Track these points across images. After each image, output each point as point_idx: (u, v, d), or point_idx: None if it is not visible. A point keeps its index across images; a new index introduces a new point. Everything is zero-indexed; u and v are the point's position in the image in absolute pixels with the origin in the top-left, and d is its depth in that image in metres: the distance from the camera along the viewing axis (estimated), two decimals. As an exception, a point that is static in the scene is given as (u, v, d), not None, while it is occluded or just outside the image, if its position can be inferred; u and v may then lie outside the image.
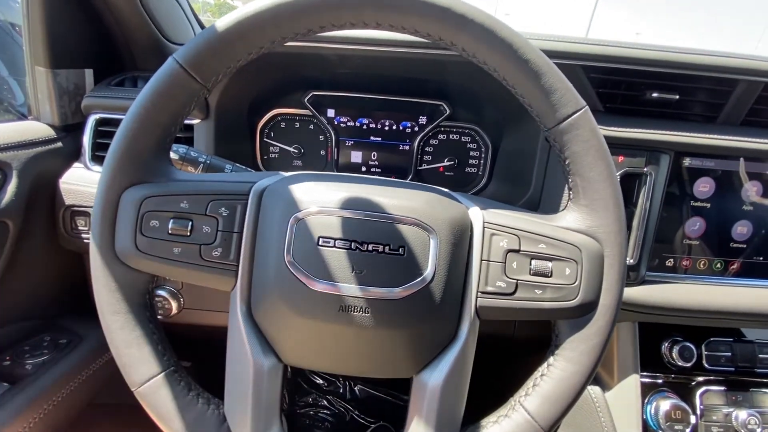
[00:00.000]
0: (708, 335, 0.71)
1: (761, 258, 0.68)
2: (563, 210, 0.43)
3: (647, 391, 0.69)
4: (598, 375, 0.75)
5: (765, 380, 0.71)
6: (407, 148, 0.85)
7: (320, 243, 0.38)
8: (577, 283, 0.41)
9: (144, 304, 0.41)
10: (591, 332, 0.41)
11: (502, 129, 0.81)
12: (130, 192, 0.39)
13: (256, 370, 0.39)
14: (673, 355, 0.68)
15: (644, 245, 0.64)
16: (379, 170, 0.87)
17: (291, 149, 0.85)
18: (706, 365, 0.70)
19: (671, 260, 0.67)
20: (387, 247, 0.38)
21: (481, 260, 0.42)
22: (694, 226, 0.66)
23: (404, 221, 0.39)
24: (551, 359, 0.42)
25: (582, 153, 0.41)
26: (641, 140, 0.62)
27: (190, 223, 0.39)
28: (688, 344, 0.68)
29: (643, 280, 0.67)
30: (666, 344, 0.70)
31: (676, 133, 0.62)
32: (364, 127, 0.85)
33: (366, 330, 0.38)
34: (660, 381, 0.69)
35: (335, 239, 0.37)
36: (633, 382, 0.68)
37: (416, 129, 0.84)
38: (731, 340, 0.71)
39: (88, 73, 0.77)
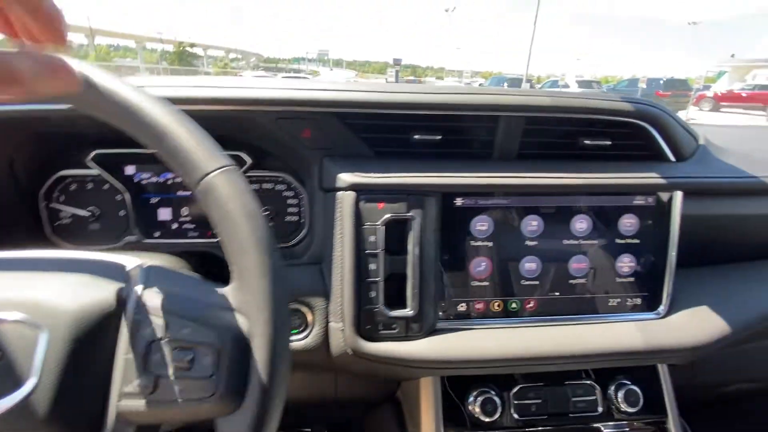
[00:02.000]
0: (516, 382, 0.66)
1: (557, 293, 0.65)
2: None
3: (457, 452, 0.62)
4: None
5: (581, 425, 0.66)
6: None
7: None
8: (215, 374, 0.35)
9: None
10: (242, 430, 0.34)
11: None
12: None
13: None
14: (477, 409, 0.63)
15: (424, 293, 0.60)
16: (193, 226, 0.81)
17: (84, 213, 0.78)
18: (516, 416, 0.65)
19: (463, 305, 0.63)
20: None
21: (125, 354, 0.36)
22: (479, 266, 0.63)
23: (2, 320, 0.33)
24: None
25: (221, 219, 0.36)
26: (404, 185, 0.59)
27: None
28: (492, 395, 0.63)
29: (432, 330, 0.62)
30: (471, 397, 0.64)
31: (439, 174, 0.60)
32: (169, 182, 0.79)
33: None
34: (467, 439, 0.63)
35: None
36: (437, 445, 0.62)
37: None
38: (541, 384, 0.66)
39: None
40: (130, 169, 0.78)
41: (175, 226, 0.81)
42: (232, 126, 0.62)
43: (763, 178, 0.70)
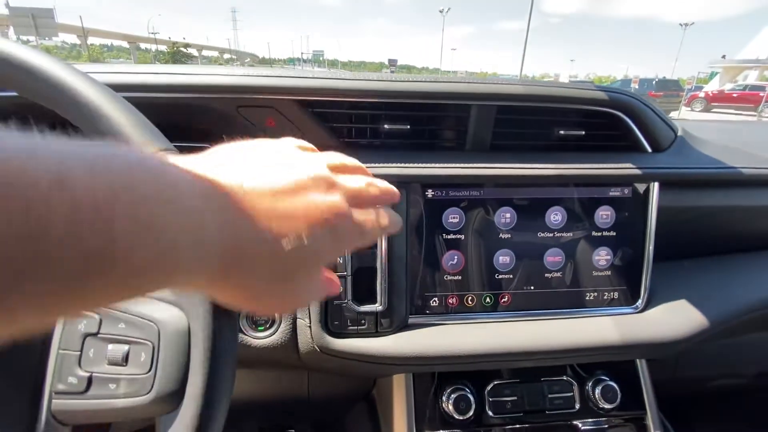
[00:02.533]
0: (492, 379, 0.64)
1: (531, 287, 0.64)
2: None
3: (431, 451, 0.61)
4: (380, 438, 0.67)
5: (558, 422, 0.65)
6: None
7: None
8: (151, 371, 0.33)
9: None
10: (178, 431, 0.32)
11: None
12: None
13: None
14: (450, 407, 0.61)
15: (393, 288, 0.58)
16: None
17: None
18: (491, 413, 0.63)
19: (435, 299, 0.62)
20: None
21: (59, 350, 0.33)
22: (452, 260, 0.61)
23: None
24: None
25: None
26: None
27: None
28: (466, 393, 0.61)
29: (404, 325, 0.60)
30: (445, 395, 0.62)
31: (408, 165, 0.58)
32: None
33: None
34: (441, 438, 0.61)
35: None
36: (409, 445, 0.60)
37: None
38: (517, 381, 0.65)
39: None
40: None
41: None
42: (193, 116, 0.60)
43: (742, 168, 0.69)
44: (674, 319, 0.64)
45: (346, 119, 0.61)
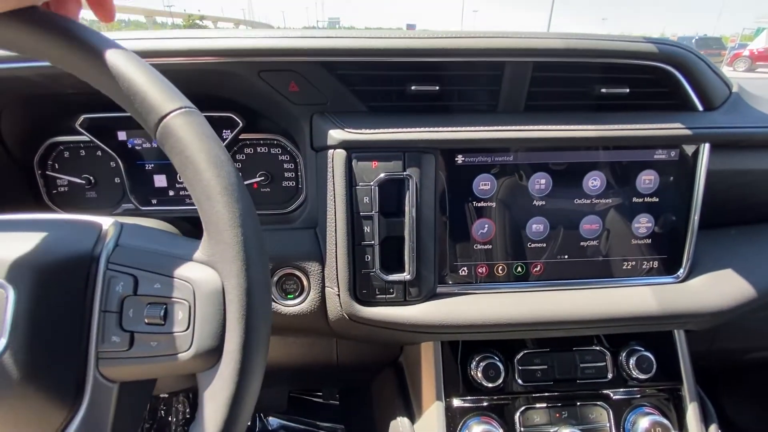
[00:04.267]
0: (521, 348, 0.63)
1: (566, 256, 0.61)
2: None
3: (460, 417, 0.61)
4: (408, 404, 0.68)
5: (589, 391, 0.64)
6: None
7: None
8: (189, 329, 0.33)
9: None
10: (218, 386, 0.33)
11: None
12: None
13: None
14: (479, 374, 0.61)
15: (422, 257, 0.57)
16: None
17: (79, 180, 0.76)
18: (521, 381, 0.62)
19: (464, 269, 0.60)
20: None
21: (100, 311, 0.34)
22: (483, 228, 0.59)
23: None
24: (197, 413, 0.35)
25: (182, 168, 0.34)
26: (399, 141, 0.55)
27: None
28: (495, 361, 0.61)
29: (432, 294, 0.59)
30: (474, 363, 0.62)
31: (437, 129, 0.55)
32: (162, 148, 0.77)
33: None
34: (469, 405, 0.61)
35: None
36: (438, 410, 0.60)
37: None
38: (547, 350, 0.64)
39: None
40: (122, 135, 0.76)
41: (171, 193, 0.79)
42: (214, 82, 0.58)
43: (804, 127, 0.63)
44: (718, 289, 0.61)
45: (372, 81, 0.58)
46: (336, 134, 0.54)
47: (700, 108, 0.61)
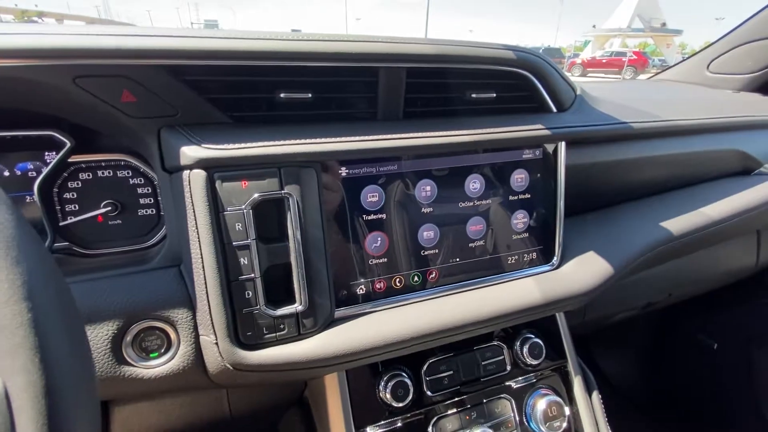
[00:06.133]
0: (428, 357, 0.62)
1: (457, 259, 0.62)
2: None
3: (373, 445, 0.57)
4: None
5: (493, 386, 0.66)
6: (31, 199, 0.59)
7: None
8: None
9: None
10: None
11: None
12: None
13: None
14: (388, 396, 0.57)
15: (314, 282, 0.51)
16: None
17: None
18: (430, 393, 0.61)
19: (362, 287, 0.56)
20: None
21: None
22: (376, 242, 0.56)
23: None
24: None
25: None
26: (272, 155, 0.48)
27: None
28: (403, 378, 0.59)
29: (329, 322, 0.54)
30: (382, 383, 0.59)
31: (314, 140, 0.50)
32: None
33: None
34: (383, 431, 0.58)
35: None
36: (348, 443, 0.55)
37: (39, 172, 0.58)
38: (452, 354, 0.64)
39: None
40: None
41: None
42: (21, 92, 0.44)
43: (633, 123, 0.74)
44: (586, 270, 0.68)
45: (234, 88, 0.50)
46: (190, 151, 0.45)
47: (554, 110, 0.68)
